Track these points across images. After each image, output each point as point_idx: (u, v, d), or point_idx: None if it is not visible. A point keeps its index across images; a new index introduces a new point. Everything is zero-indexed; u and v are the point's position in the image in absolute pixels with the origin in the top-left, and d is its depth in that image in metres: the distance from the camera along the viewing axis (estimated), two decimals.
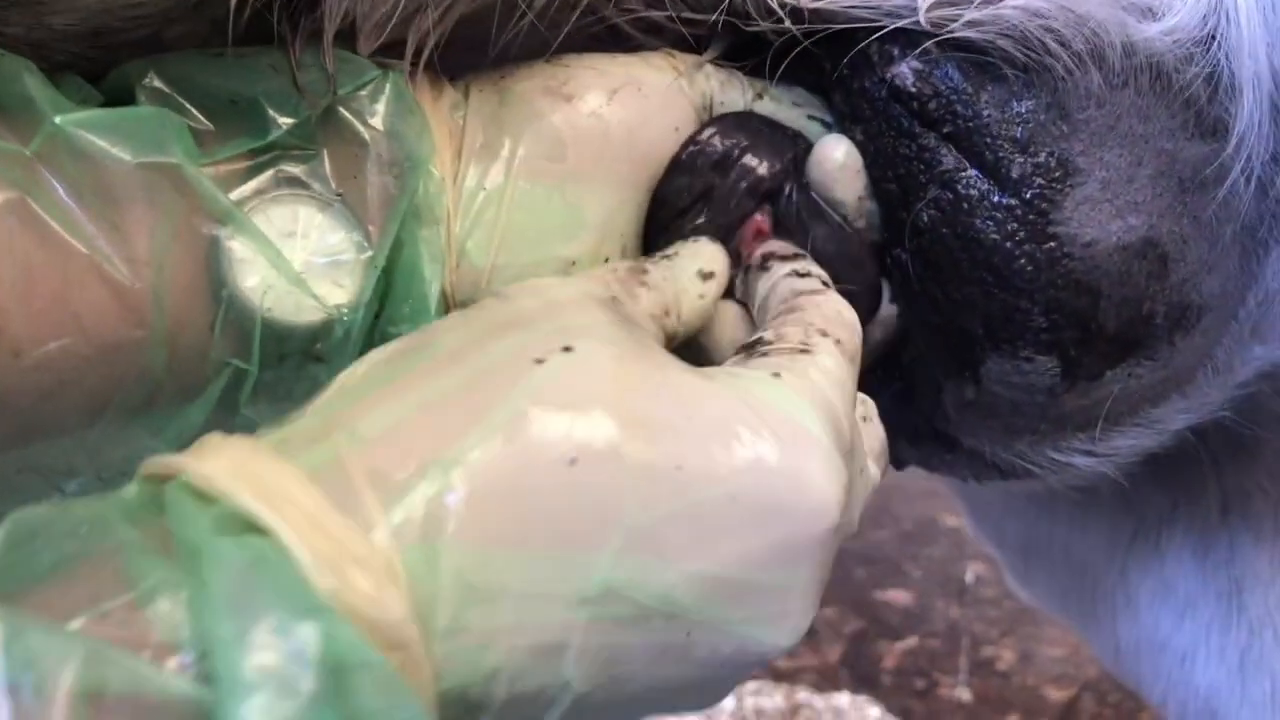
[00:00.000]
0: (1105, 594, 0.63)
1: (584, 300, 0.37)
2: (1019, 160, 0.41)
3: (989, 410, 0.44)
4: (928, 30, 0.42)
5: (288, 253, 0.38)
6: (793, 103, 0.45)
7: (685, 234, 0.43)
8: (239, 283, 0.38)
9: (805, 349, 0.37)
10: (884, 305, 0.44)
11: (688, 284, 0.41)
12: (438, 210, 0.40)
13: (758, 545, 0.33)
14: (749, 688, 1.10)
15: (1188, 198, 0.43)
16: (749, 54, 0.44)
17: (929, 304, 0.43)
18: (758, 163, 0.43)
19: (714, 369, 0.37)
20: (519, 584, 0.31)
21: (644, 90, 0.42)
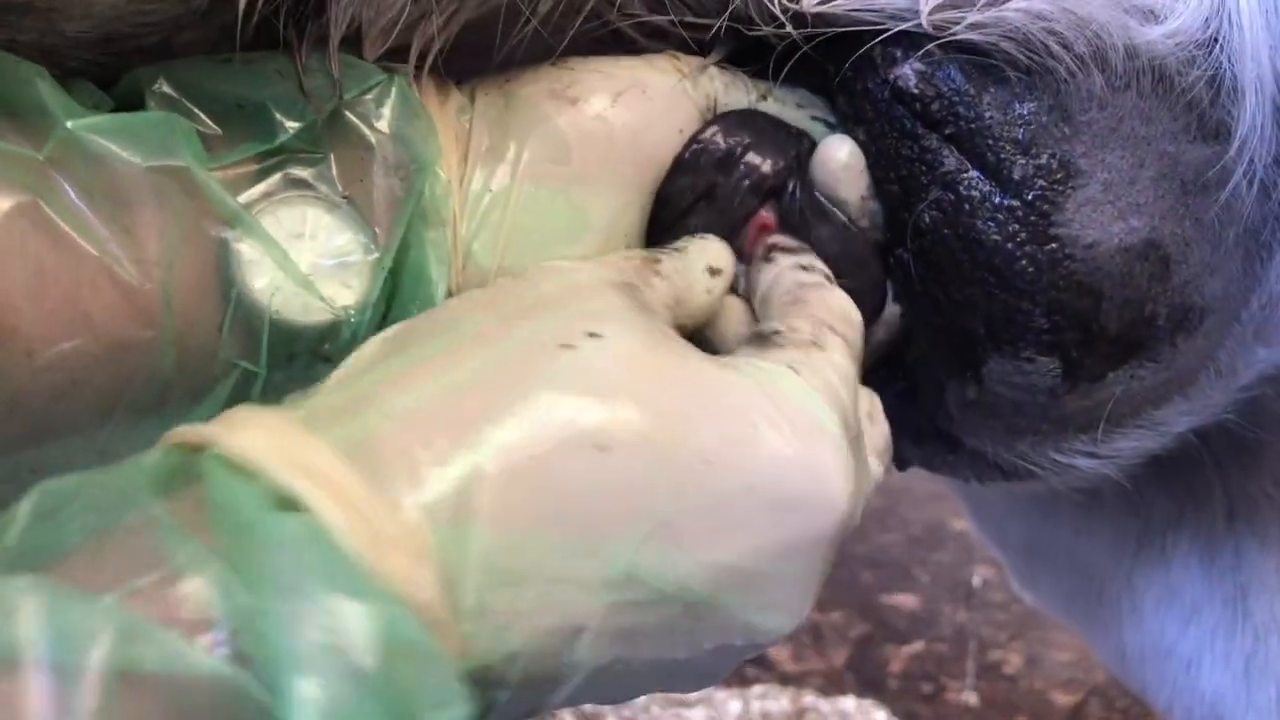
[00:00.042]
0: (1110, 599, 0.63)
1: (603, 285, 0.37)
2: (1021, 162, 0.42)
3: (991, 410, 0.44)
4: (930, 32, 0.42)
5: (295, 254, 0.39)
6: (796, 104, 0.45)
7: (688, 233, 0.42)
8: (248, 284, 0.38)
9: (816, 343, 0.38)
10: (887, 305, 0.45)
11: (697, 278, 0.41)
12: (444, 212, 0.40)
13: (772, 537, 0.34)
14: (755, 691, 1.10)
15: (1190, 200, 0.43)
16: (753, 57, 0.45)
17: (931, 304, 0.43)
18: (761, 160, 0.43)
19: (731, 358, 0.37)
20: (544, 567, 0.31)
21: (648, 93, 0.43)
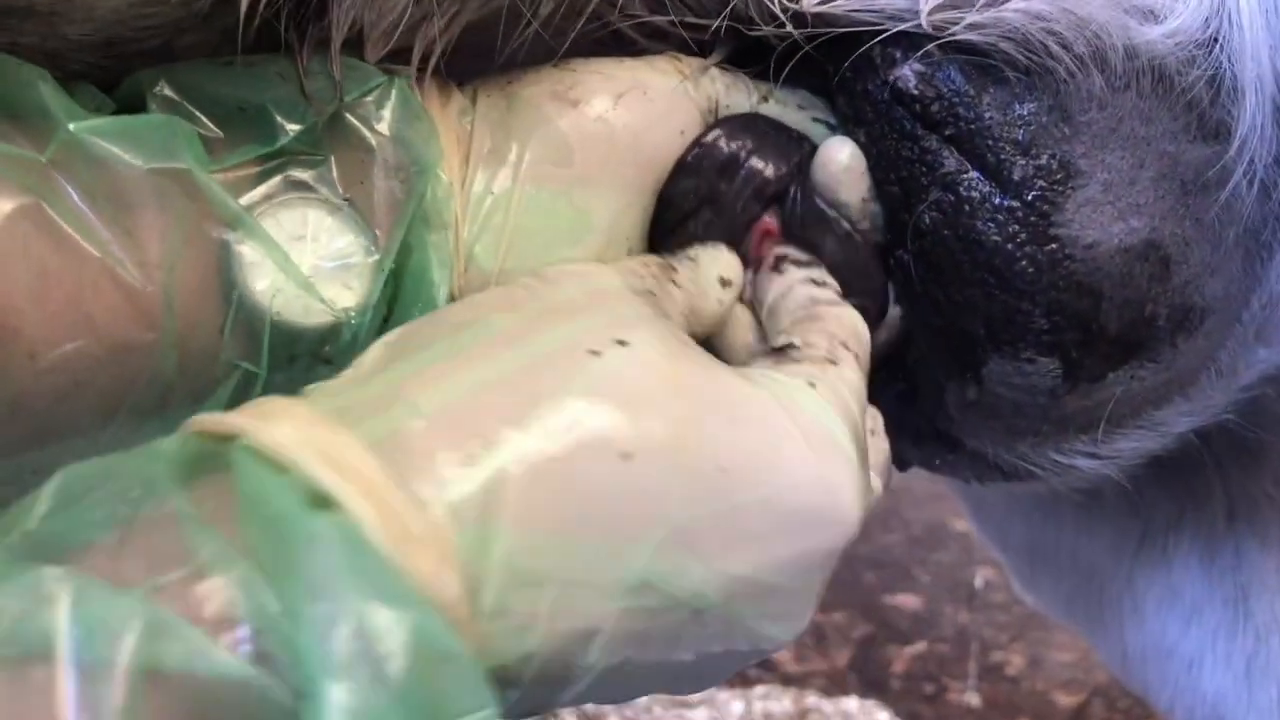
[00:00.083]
0: (1112, 599, 0.63)
1: (626, 292, 0.37)
2: (1021, 162, 0.42)
3: (991, 411, 0.44)
4: (929, 33, 0.42)
5: (296, 256, 0.39)
6: (798, 105, 0.45)
7: (691, 236, 0.43)
8: (249, 286, 0.38)
9: (831, 359, 0.38)
10: (889, 306, 0.45)
11: (710, 288, 0.41)
12: (446, 215, 0.40)
13: (785, 550, 0.34)
14: (757, 691, 1.10)
15: (1190, 200, 0.43)
16: (753, 57, 0.45)
17: (931, 305, 0.43)
18: (764, 165, 0.43)
19: (748, 370, 0.38)
20: (564, 570, 0.31)
21: (649, 94, 0.43)
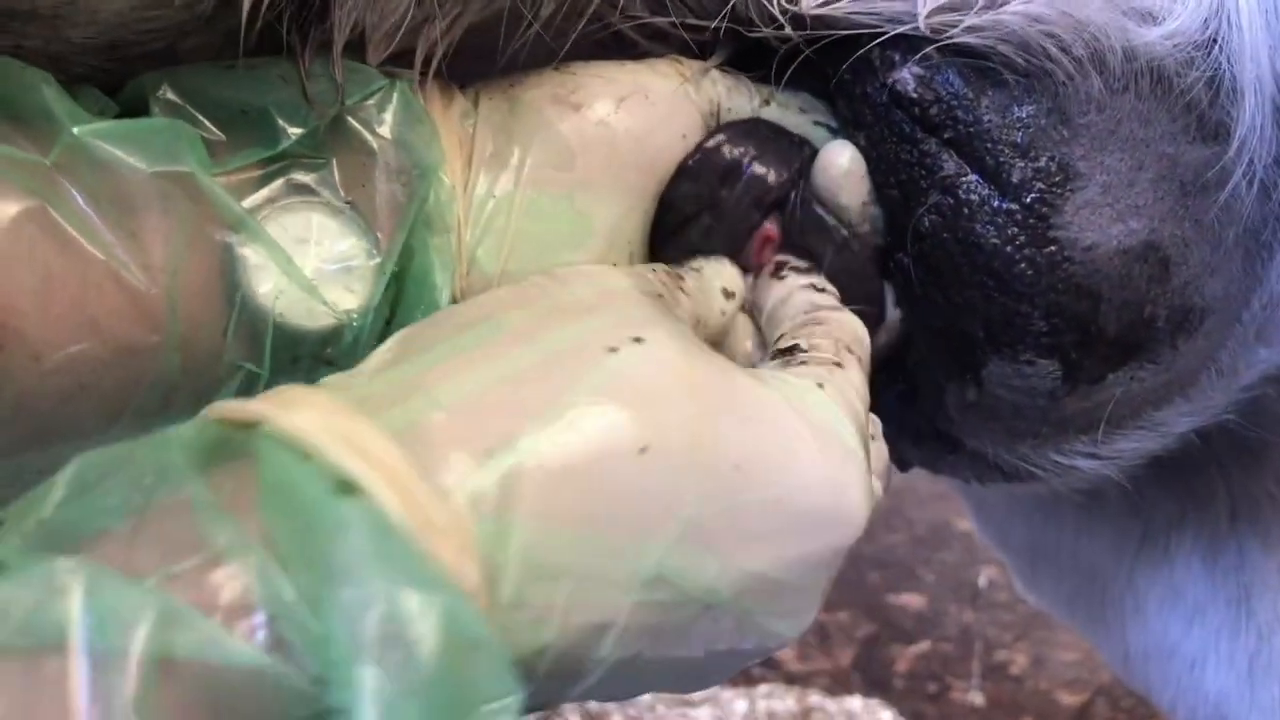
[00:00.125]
0: (1114, 599, 0.63)
1: (636, 293, 0.37)
2: (1019, 165, 0.42)
3: (991, 412, 0.45)
4: (928, 36, 0.42)
5: (299, 259, 0.39)
6: (799, 108, 0.45)
7: (691, 241, 0.43)
8: (252, 288, 0.38)
9: (838, 362, 0.39)
10: (888, 310, 0.45)
11: (714, 298, 0.42)
12: (448, 218, 0.41)
13: (796, 548, 0.34)
14: (761, 690, 1.10)
15: (1189, 201, 0.43)
16: (755, 60, 0.45)
17: (931, 308, 0.43)
18: (765, 172, 0.43)
19: (762, 371, 0.38)
20: (580, 564, 0.31)
21: (651, 98, 0.43)
